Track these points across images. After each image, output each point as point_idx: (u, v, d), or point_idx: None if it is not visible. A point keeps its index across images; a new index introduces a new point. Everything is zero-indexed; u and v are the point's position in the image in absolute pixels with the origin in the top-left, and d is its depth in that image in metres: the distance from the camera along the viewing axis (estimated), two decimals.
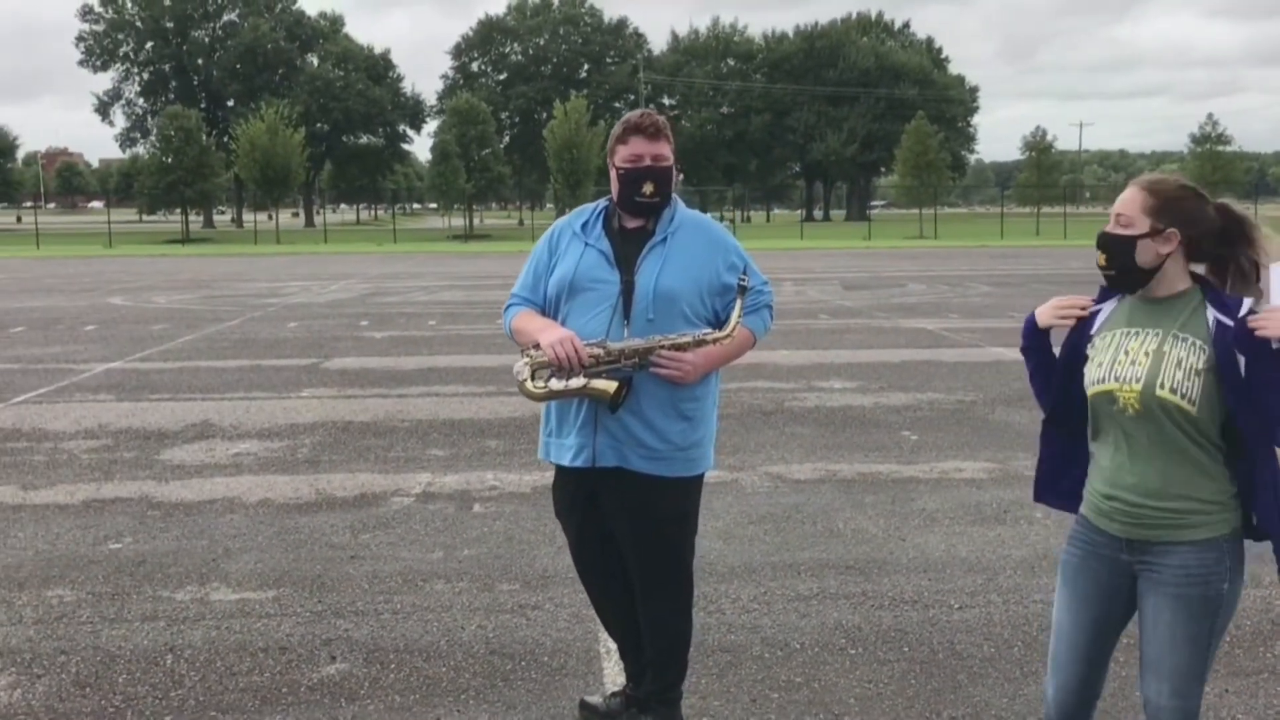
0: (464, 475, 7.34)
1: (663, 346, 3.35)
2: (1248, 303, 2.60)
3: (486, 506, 6.59)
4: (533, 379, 3.43)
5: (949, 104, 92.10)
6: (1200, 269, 2.73)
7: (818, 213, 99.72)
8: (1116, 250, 2.65)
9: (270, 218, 72.38)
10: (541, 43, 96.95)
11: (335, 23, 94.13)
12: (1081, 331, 2.77)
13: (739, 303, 3.42)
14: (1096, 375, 2.67)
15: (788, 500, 6.64)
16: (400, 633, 4.66)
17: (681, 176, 3.71)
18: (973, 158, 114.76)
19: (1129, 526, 2.67)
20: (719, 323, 3.46)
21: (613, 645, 4.43)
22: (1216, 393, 2.55)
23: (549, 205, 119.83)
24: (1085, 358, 2.73)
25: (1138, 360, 2.61)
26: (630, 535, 3.58)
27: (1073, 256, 37.43)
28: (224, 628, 4.73)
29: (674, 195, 3.52)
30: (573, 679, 4.21)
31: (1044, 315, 2.83)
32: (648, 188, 3.42)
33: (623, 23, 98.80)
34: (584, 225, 3.55)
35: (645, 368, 3.37)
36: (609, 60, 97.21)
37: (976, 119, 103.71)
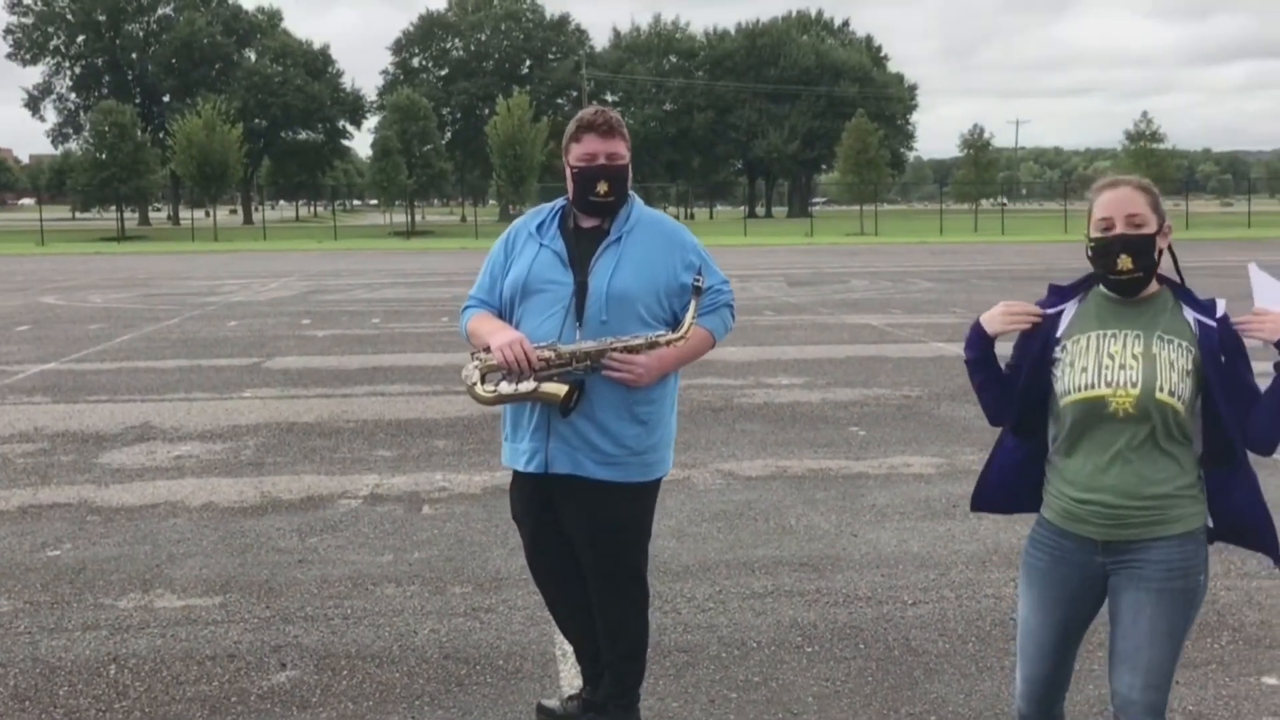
0: (412, 476, 7.24)
1: (614, 349, 3.31)
2: (1221, 304, 2.61)
3: (436, 508, 6.52)
4: (482, 382, 3.38)
5: (888, 102, 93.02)
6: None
7: (760, 209, 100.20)
8: (1144, 251, 2.59)
9: (208, 214, 71.19)
10: (483, 38, 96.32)
11: (273, 17, 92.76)
12: (1045, 337, 2.72)
13: (693, 304, 3.39)
14: (1081, 381, 2.62)
15: (739, 497, 6.64)
16: (351, 638, 4.58)
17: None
18: (911, 155, 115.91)
19: (1107, 528, 2.65)
20: (677, 324, 3.42)
21: (569, 648, 4.39)
22: (1194, 393, 2.58)
23: (491, 202, 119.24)
24: (1053, 362, 2.70)
25: (1127, 364, 2.58)
26: (585, 540, 3.53)
27: (1013, 252, 37.97)
28: (169, 636, 4.62)
29: (631, 193, 3.48)
30: (529, 683, 4.16)
31: (992, 322, 2.75)
32: (602, 187, 3.37)
33: (565, 19, 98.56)
34: (540, 226, 3.50)
35: (597, 371, 3.32)
36: (551, 56, 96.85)
37: (915, 117, 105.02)
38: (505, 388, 3.33)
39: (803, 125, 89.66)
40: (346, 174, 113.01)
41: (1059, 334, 2.71)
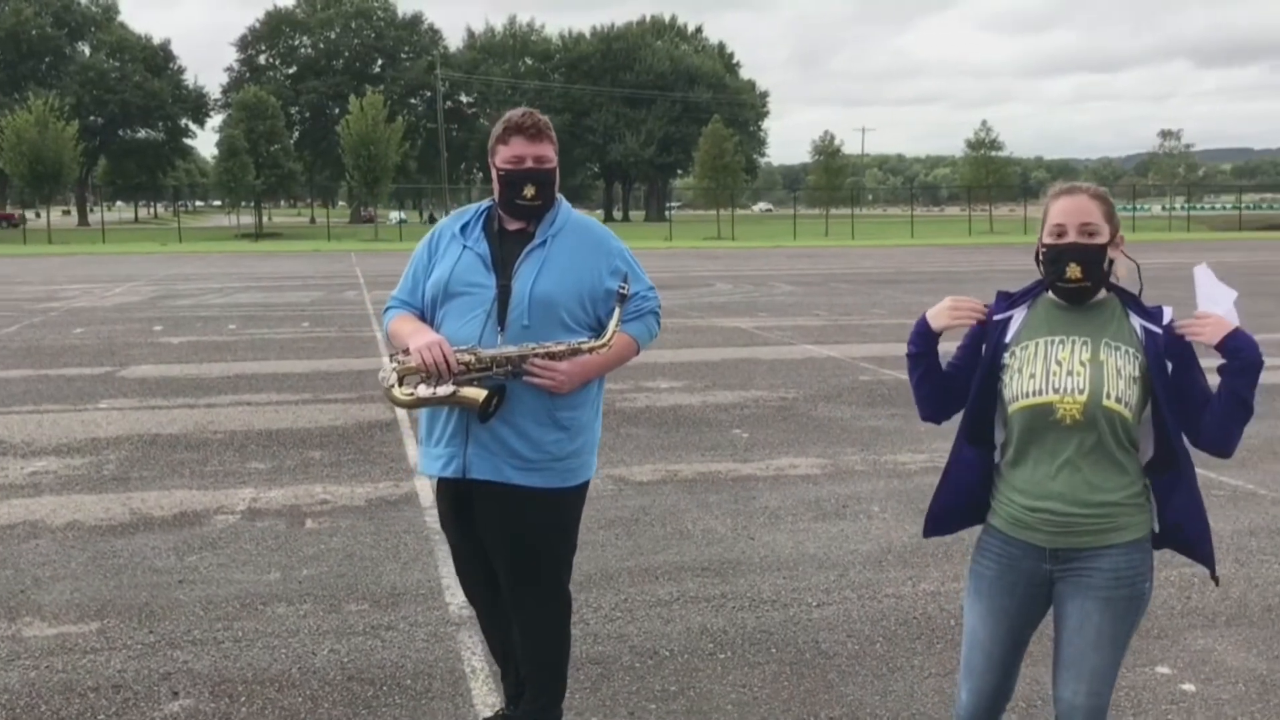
0: (291, 489, 6.97)
1: (536, 354, 3.22)
2: (1168, 311, 2.64)
3: (320, 522, 6.27)
4: (400, 385, 3.25)
5: (741, 108, 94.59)
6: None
7: (617, 213, 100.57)
8: (1094, 261, 2.60)
9: (38, 215, 67.61)
10: (333, 36, 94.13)
11: (108, 10, 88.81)
12: (995, 344, 2.72)
13: (617, 311, 3.32)
14: (1029, 387, 2.63)
15: (633, 503, 6.59)
16: (246, 662, 4.35)
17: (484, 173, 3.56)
18: (763, 161, 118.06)
19: (1056, 536, 2.65)
20: (602, 330, 3.35)
21: (479, 665, 4.29)
22: (1142, 399, 2.60)
23: (341, 203, 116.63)
24: (1002, 368, 2.70)
25: (1075, 370, 2.59)
26: (504, 548, 3.43)
27: (864, 256, 39.03)
28: (44, 667, 4.30)
29: (559, 197, 3.39)
30: (440, 702, 4.02)
31: (938, 317, 2.75)
32: (529, 190, 3.27)
33: (417, 18, 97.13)
34: (464, 227, 3.38)
35: (518, 376, 3.23)
36: (404, 56, 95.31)
37: (767, 123, 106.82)
38: (423, 391, 3.21)
39: (659, 130, 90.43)
40: (189, 174, 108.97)
41: (1008, 340, 2.71)
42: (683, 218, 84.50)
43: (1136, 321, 2.64)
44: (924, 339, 2.81)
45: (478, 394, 3.19)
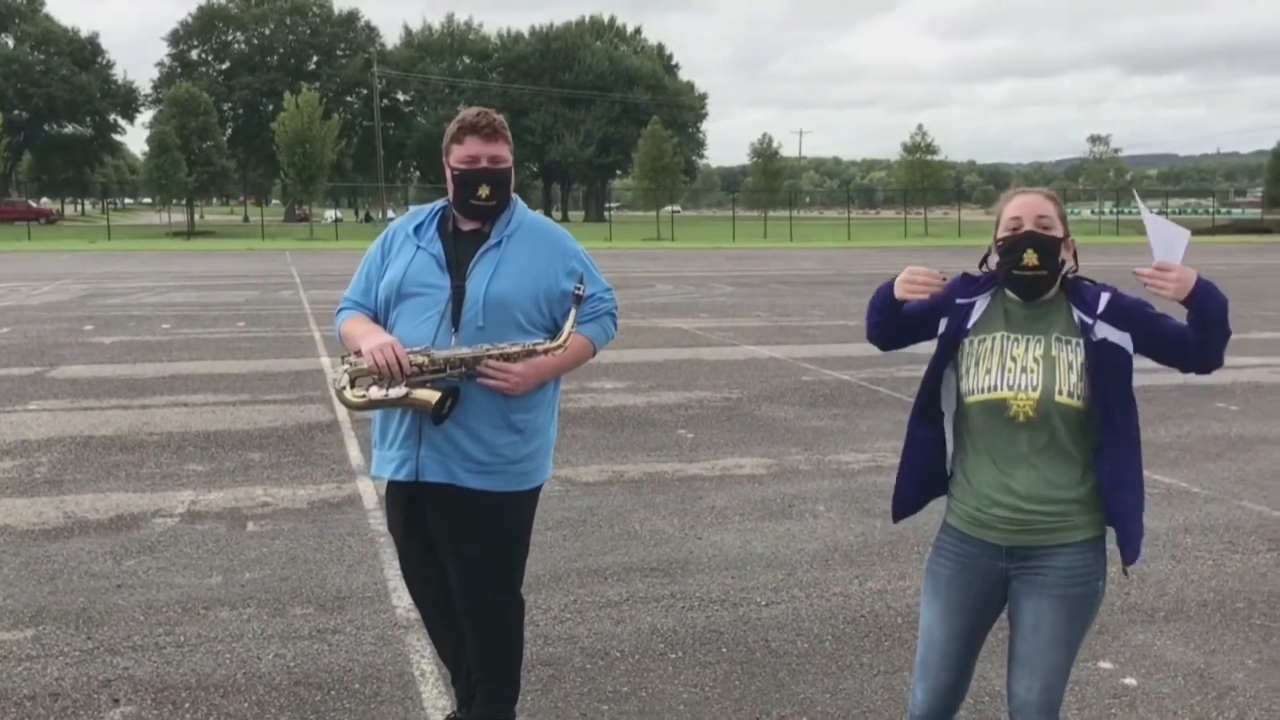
0: (230, 492, 6.84)
1: (490, 356, 3.19)
2: (1105, 297, 2.67)
3: (261, 525, 6.17)
4: (352, 386, 3.20)
5: (680, 109, 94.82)
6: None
7: (556, 213, 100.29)
8: (1050, 250, 2.64)
9: None
10: (267, 32, 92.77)
11: (33, 2, 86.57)
12: (958, 323, 2.73)
13: (573, 313, 3.30)
14: (985, 382, 2.66)
15: (580, 503, 6.57)
16: (189, 667, 4.26)
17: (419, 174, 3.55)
18: (701, 162, 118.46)
19: (1012, 534, 2.68)
20: (557, 331, 3.33)
21: (429, 668, 4.25)
22: (1092, 391, 2.64)
23: (275, 201, 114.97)
24: (960, 350, 2.72)
25: (1029, 367, 2.63)
26: (456, 552, 3.39)
27: (802, 258, 39.34)
28: None
29: (514, 197, 3.36)
30: (389, 706, 3.97)
31: (899, 288, 2.74)
32: (484, 190, 3.24)
33: (354, 15, 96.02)
34: (418, 227, 3.34)
35: (473, 378, 3.20)
36: (340, 53, 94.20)
37: (706, 125, 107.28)
38: (375, 393, 3.17)
39: (598, 130, 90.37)
40: (119, 171, 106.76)
41: (969, 325, 2.74)
42: (623, 218, 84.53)
43: (1076, 313, 2.67)
44: (886, 308, 2.81)
45: (431, 396, 3.16)
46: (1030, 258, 2.62)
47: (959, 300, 2.76)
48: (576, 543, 5.85)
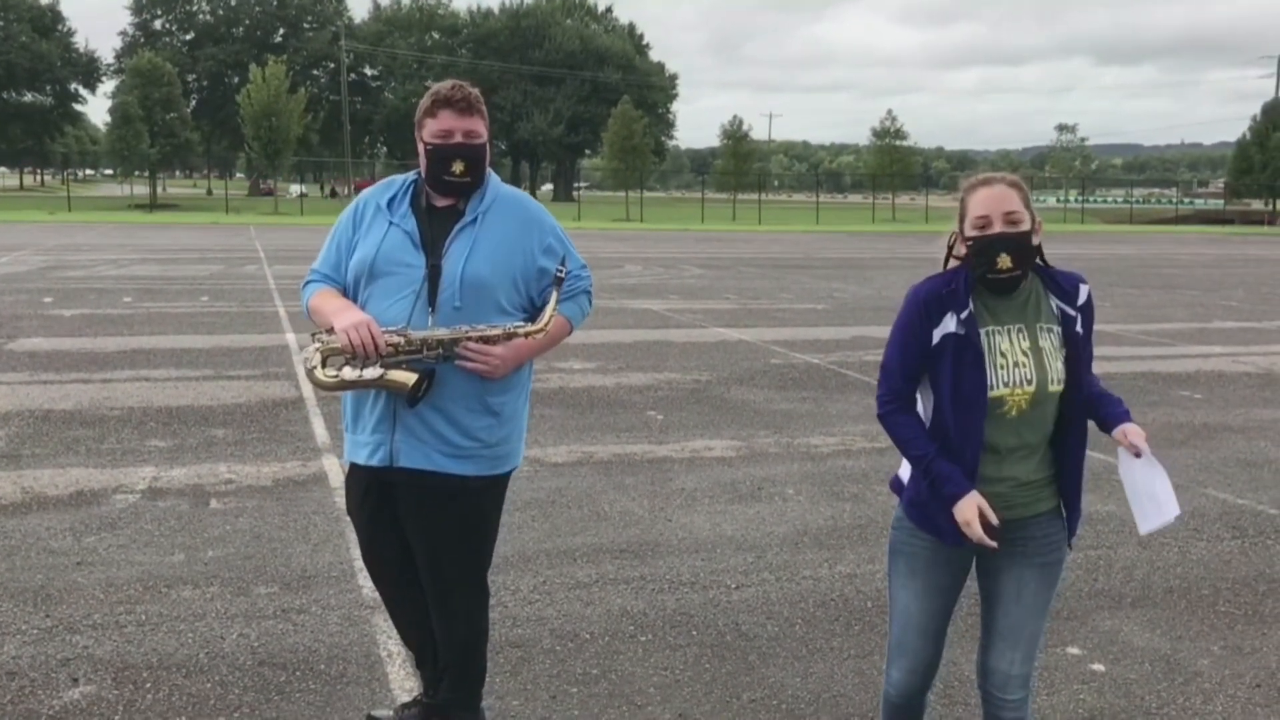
0: (193, 469, 6.74)
1: (469, 338, 3.11)
2: (1084, 290, 2.70)
3: (225, 502, 6.08)
4: (323, 366, 3.11)
5: (650, 90, 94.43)
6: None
7: (525, 192, 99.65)
8: (1023, 249, 2.60)
9: None
10: (233, 3, 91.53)
11: None
12: (973, 330, 2.64)
13: (554, 294, 3.22)
14: (988, 381, 2.65)
15: (549, 484, 6.52)
16: (150, 647, 4.19)
17: (384, 149, 3.45)
18: (671, 144, 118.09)
19: (996, 511, 2.67)
20: (535, 309, 3.26)
21: (395, 648, 4.19)
22: (1067, 376, 2.68)
23: (239, 175, 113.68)
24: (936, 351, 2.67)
25: (1020, 362, 2.62)
26: (426, 537, 3.33)
27: (771, 241, 39.38)
28: None
29: (489, 171, 3.28)
30: (356, 687, 3.91)
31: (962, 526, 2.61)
32: (458, 166, 3.15)
33: None
34: (390, 201, 3.24)
35: (450, 360, 3.12)
36: (307, 26, 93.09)
37: (676, 106, 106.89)
38: (349, 373, 3.07)
39: (567, 109, 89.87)
40: (79, 141, 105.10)
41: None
42: (592, 198, 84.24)
43: (1055, 302, 2.69)
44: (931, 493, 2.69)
45: (407, 378, 3.07)
46: (1004, 261, 2.59)
47: (961, 315, 2.63)
48: (545, 523, 5.80)
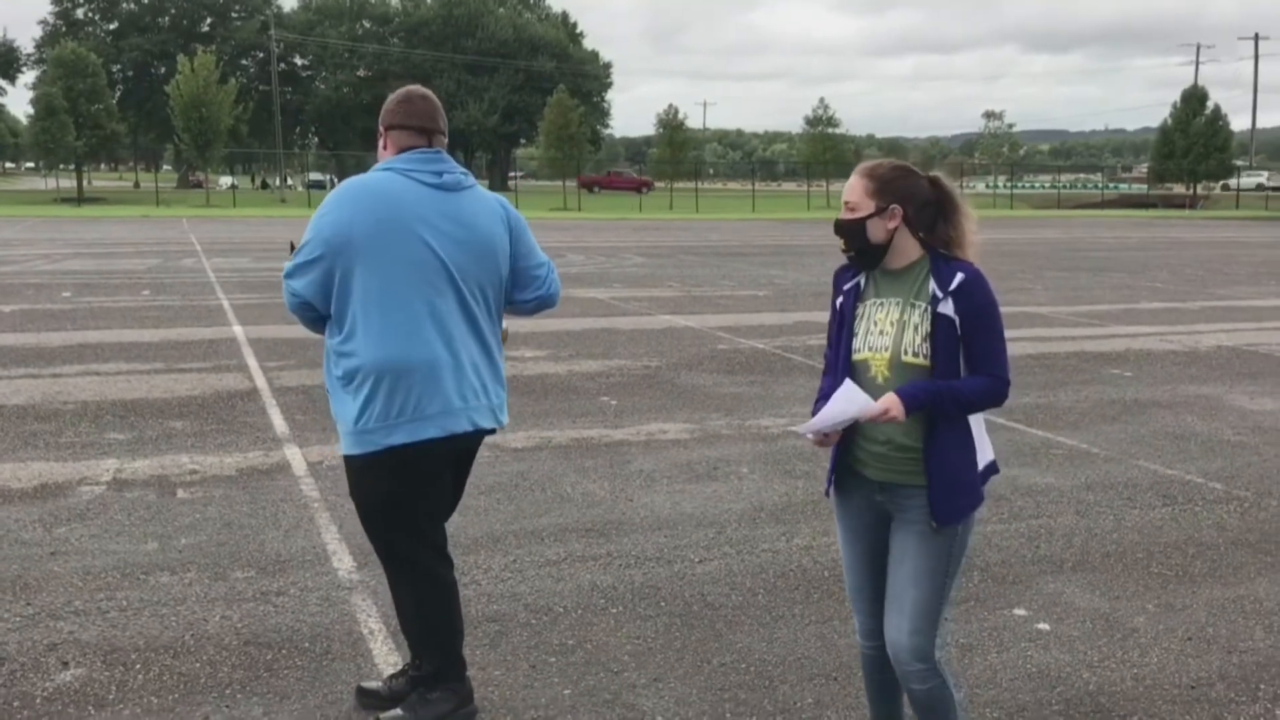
0: (156, 460, 6.80)
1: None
2: (959, 276, 2.83)
3: (192, 492, 6.16)
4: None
5: (585, 78, 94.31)
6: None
7: None
8: (851, 234, 2.90)
9: None
10: None
11: None
12: (851, 299, 2.97)
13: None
14: (855, 344, 2.93)
15: (511, 469, 6.68)
16: (135, 630, 4.29)
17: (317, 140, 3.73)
18: (606, 132, 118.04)
19: (882, 471, 2.91)
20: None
21: (376, 626, 4.38)
22: (932, 354, 2.82)
23: (167, 167, 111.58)
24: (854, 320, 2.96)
25: (885, 330, 2.88)
26: (455, 498, 3.74)
27: (710, 229, 39.68)
28: None
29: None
30: (341, 663, 4.06)
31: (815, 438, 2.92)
32: None
33: None
34: None
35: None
36: (234, 15, 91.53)
37: (611, 95, 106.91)
38: None
39: (502, 98, 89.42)
40: None
41: (855, 297, 2.99)
42: (528, 188, 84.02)
43: (932, 284, 2.86)
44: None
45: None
46: (841, 244, 2.94)
47: (845, 286, 3.01)
48: (510, 506, 5.97)
